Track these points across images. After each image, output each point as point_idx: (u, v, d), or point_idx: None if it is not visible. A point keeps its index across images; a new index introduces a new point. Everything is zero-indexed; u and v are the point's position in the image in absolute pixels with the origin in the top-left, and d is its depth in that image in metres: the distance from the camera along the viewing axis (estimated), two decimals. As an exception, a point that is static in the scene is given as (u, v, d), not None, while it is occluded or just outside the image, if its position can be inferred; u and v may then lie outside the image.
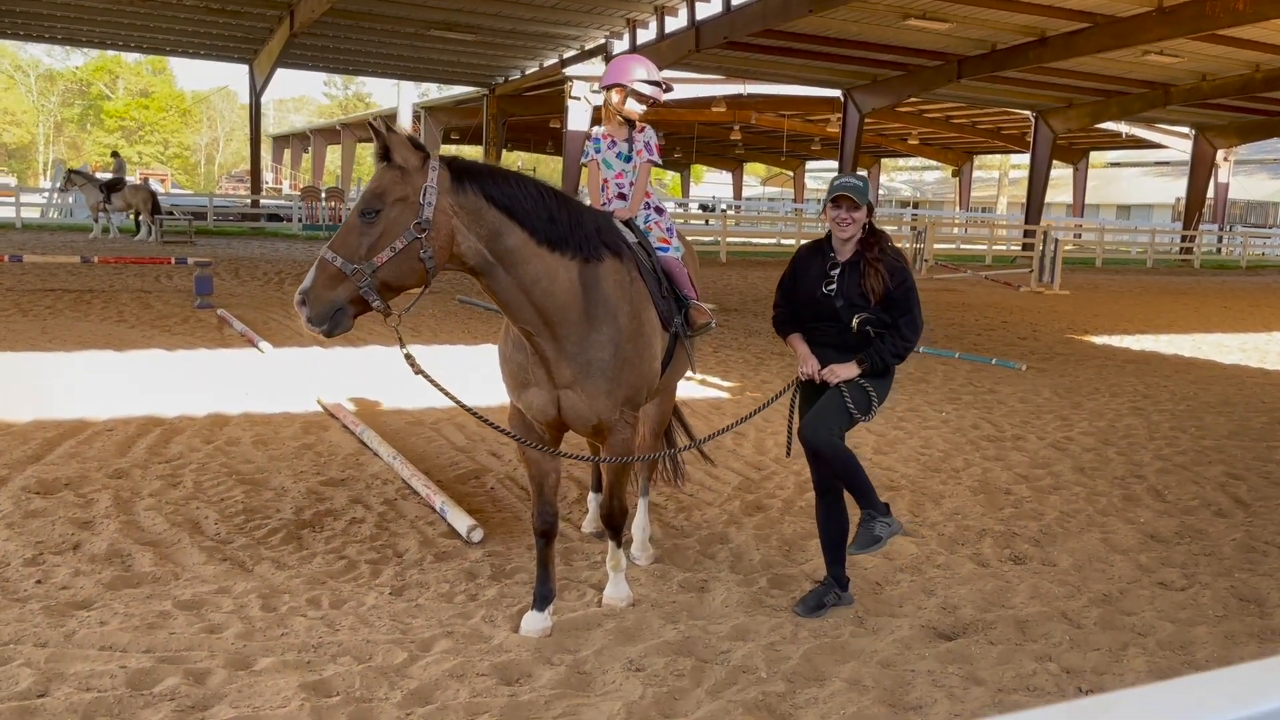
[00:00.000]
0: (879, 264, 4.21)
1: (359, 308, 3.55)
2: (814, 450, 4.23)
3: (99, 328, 11.30)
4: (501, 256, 3.66)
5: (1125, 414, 9.04)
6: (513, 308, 3.77)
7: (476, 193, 3.61)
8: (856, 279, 4.22)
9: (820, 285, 4.29)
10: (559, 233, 3.74)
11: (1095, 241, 39.80)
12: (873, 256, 4.24)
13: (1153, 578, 5.00)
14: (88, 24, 30.17)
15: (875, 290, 4.19)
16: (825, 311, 4.28)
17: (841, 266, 4.27)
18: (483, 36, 28.44)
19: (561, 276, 3.76)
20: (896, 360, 4.25)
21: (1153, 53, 25.35)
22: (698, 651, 3.98)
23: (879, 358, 4.21)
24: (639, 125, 4.62)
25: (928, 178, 77.86)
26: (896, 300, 4.20)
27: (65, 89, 78.42)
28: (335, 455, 6.59)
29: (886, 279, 4.19)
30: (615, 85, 4.52)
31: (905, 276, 4.25)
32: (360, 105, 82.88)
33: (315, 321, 3.50)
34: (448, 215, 3.56)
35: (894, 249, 4.31)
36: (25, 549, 4.66)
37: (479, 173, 3.68)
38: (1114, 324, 16.65)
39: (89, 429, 6.87)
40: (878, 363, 4.21)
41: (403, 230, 3.50)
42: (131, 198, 25.71)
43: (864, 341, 4.23)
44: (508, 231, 3.64)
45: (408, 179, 3.53)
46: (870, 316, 4.20)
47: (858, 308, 4.21)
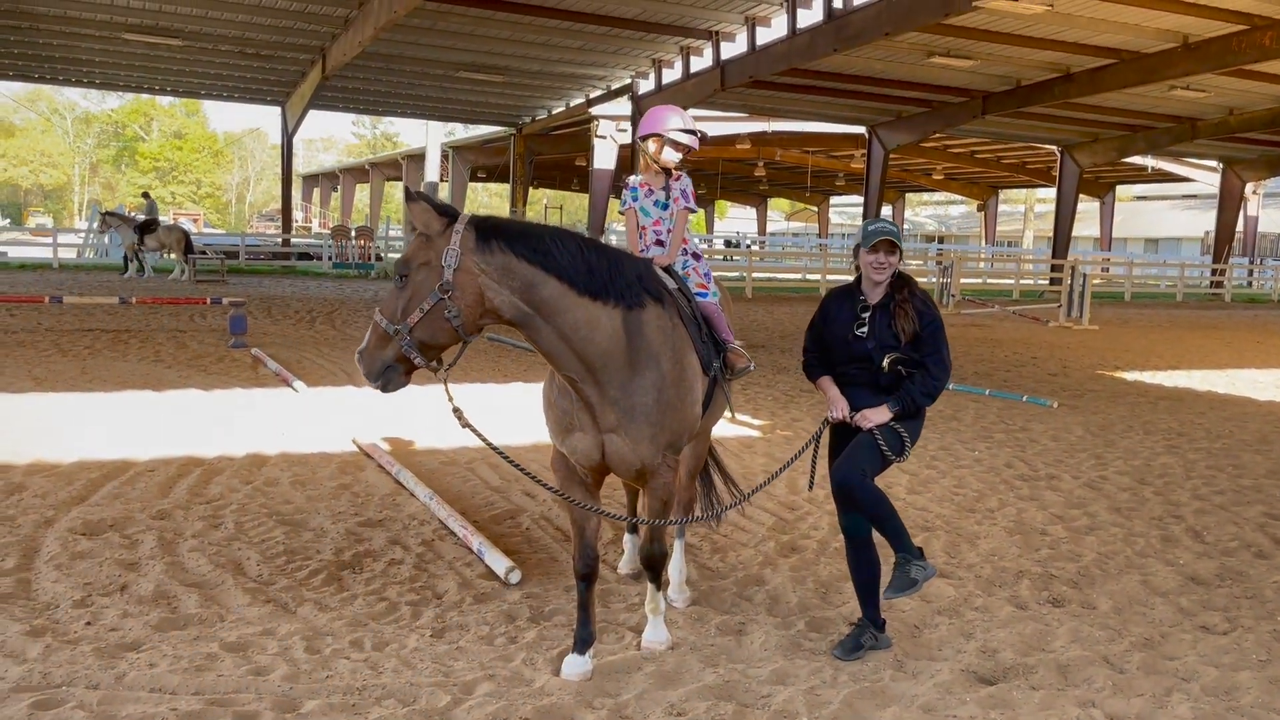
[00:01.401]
0: (908, 305, 4.31)
1: (407, 365, 3.76)
2: (846, 491, 4.27)
3: (137, 367, 11.49)
4: (539, 307, 3.74)
5: (1160, 452, 8.97)
6: (555, 355, 3.84)
7: (504, 250, 3.70)
8: (887, 321, 4.32)
9: (852, 328, 4.38)
10: (599, 282, 3.81)
11: (1124, 275, 39.59)
12: (902, 298, 4.34)
13: (1194, 621, 4.96)
14: (125, 69, 30.90)
15: (906, 331, 4.28)
16: (857, 354, 4.37)
17: (872, 309, 4.38)
18: (510, 77, 28.87)
19: (604, 324, 3.82)
20: (927, 400, 4.31)
21: (1179, 88, 25.37)
22: (738, 696, 3.98)
23: (910, 399, 4.28)
24: (675, 173, 4.71)
25: (953, 212, 77.82)
26: (925, 340, 4.30)
27: (101, 131, 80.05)
28: (372, 495, 6.66)
29: (916, 320, 4.30)
30: (652, 135, 4.61)
31: (934, 317, 4.35)
32: (388, 144, 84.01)
33: (371, 378, 3.78)
34: (473, 275, 3.67)
35: (921, 291, 4.41)
36: (74, 590, 4.74)
37: (505, 231, 3.77)
38: (1145, 359, 16.54)
39: (131, 470, 6.98)
40: (909, 405, 4.28)
41: (428, 292, 3.67)
42: (165, 238, 26.18)
43: (895, 380, 4.32)
44: (541, 283, 3.72)
45: (431, 244, 3.69)
46: (901, 356, 4.30)
47: (889, 348, 4.30)
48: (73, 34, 26.04)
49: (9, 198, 71.12)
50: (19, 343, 12.99)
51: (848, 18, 20.25)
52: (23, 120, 74.94)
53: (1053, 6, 18.70)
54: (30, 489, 6.38)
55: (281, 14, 23.23)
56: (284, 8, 22.69)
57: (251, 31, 25.08)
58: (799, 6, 21.67)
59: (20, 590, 4.74)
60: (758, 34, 23.22)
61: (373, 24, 21.09)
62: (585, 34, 24.13)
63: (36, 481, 6.55)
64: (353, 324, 17.23)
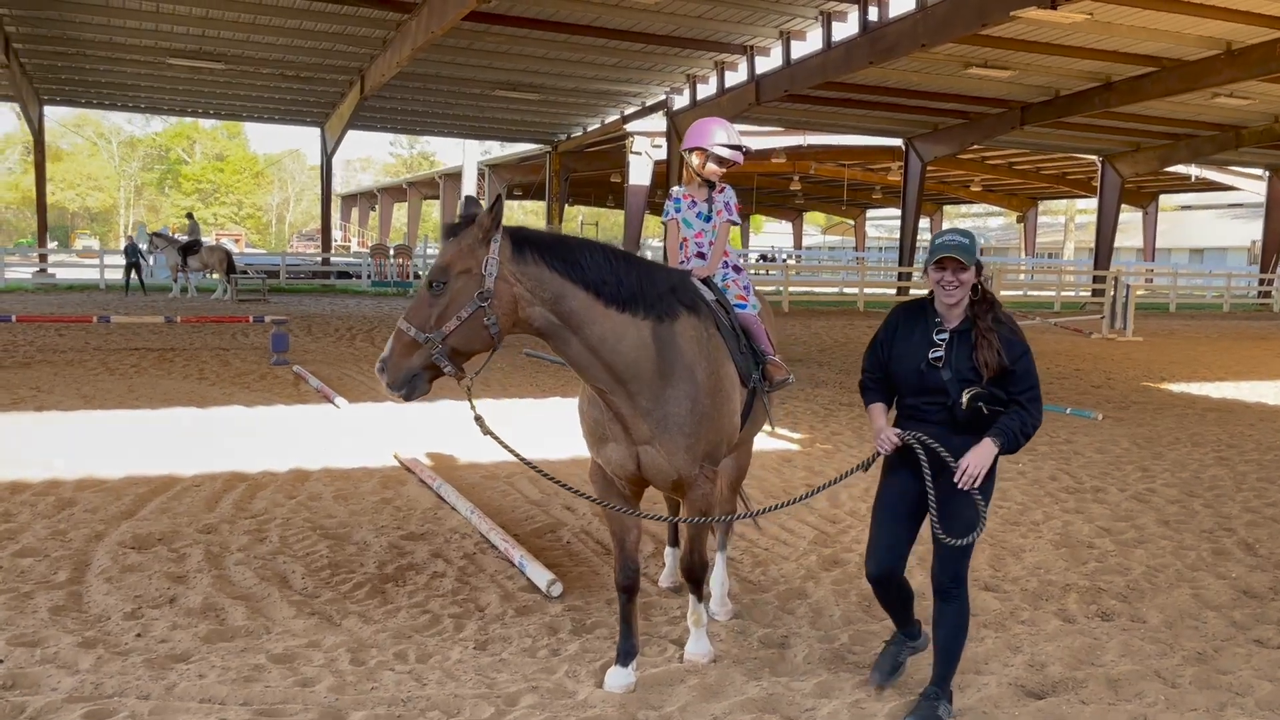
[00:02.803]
0: (993, 334, 3.74)
1: (433, 373, 3.74)
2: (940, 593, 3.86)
3: (182, 385, 11.67)
4: (566, 318, 3.75)
5: (1210, 464, 8.81)
6: (583, 367, 3.85)
7: (537, 260, 3.72)
8: (967, 350, 3.74)
9: (925, 355, 3.81)
10: (627, 293, 3.82)
11: (1168, 286, 39.01)
12: (985, 326, 3.76)
13: (1248, 635, 4.86)
14: (169, 93, 31.53)
15: (990, 365, 3.70)
16: (931, 385, 3.80)
17: (950, 334, 3.80)
18: (546, 95, 29.09)
19: (631, 335, 3.82)
20: (1024, 440, 3.75)
21: (1222, 95, 25.01)
22: (782, 709, 3.96)
23: (1013, 435, 3.69)
24: (719, 186, 4.73)
25: (992, 224, 77.16)
26: (1018, 376, 3.73)
27: (145, 154, 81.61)
28: (414, 509, 6.70)
29: (1002, 353, 3.72)
30: (696, 148, 4.64)
31: (1024, 349, 3.77)
32: (425, 163, 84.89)
33: (394, 387, 3.74)
34: (509, 283, 3.69)
35: (1008, 316, 3.85)
36: (125, 603, 4.82)
37: (539, 241, 3.78)
38: (1192, 371, 16.27)
39: (178, 485, 7.09)
40: (1013, 440, 3.69)
41: (468, 300, 3.65)
42: (208, 258, 26.63)
43: (974, 420, 3.73)
44: (570, 294, 3.73)
45: (472, 252, 3.68)
46: (982, 392, 3.71)
47: (968, 382, 3.72)
48: (118, 59, 26.64)
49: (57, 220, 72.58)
50: (68, 362, 13.26)
51: (883, 30, 20.20)
52: (70, 145, 76.60)
53: (1091, 15, 18.54)
54: (81, 504, 6.50)
55: (321, 36, 23.61)
56: (323, 30, 23.06)
57: (291, 54, 25.51)
58: (834, 20, 21.65)
59: (72, 603, 4.82)
60: (792, 48, 23.23)
61: (410, 44, 21.36)
62: (620, 51, 24.28)
63: (87, 497, 6.67)
64: (392, 341, 17.37)
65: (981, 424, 3.72)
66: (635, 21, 21.76)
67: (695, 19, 21.61)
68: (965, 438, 3.74)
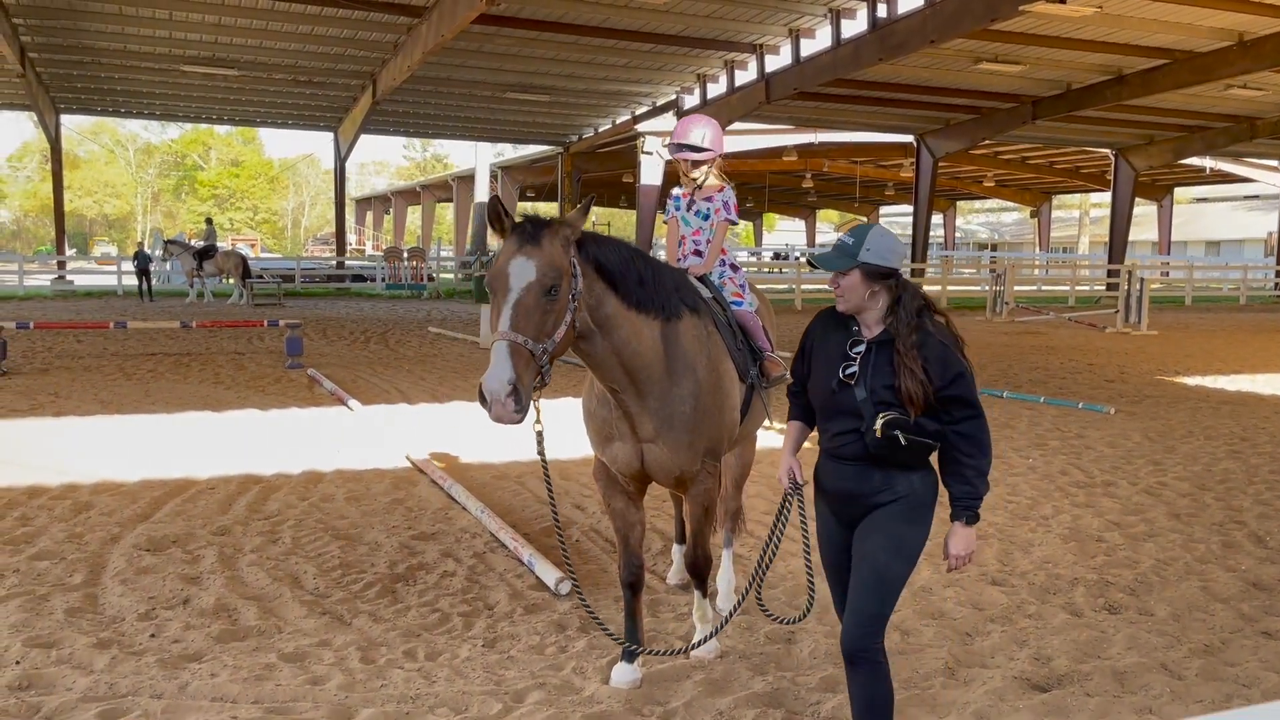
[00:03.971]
0: (915, 358, 3.08)
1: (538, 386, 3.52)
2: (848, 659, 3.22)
3: (197, 389, 11.77)
4: (601, 323, 3.70)
5: (1222, 458, 8.78)
6: (604, 368, 3.85)
7: (589, 260, 3.66)
8: (886, 364, 3.13)
9: (838, 369, 3.21)
10: (646, 295, 3.84)
11: (1184, 279, 38.76)
12: (905, 348, 3.10)
13: (1256, 627, 4.85)
14: (183, 100, 31.76)
15: (914, 397, 3.07)
16: (844, 406, 3.18)
17: (868, 345, 3.19)
18: (557, 97, 29.15)
19: (645, 336, 3.86)
20: (988, 488, 3.19)
21: (1235, 86, 24.84)
22: (787, 703, 3.99)
23: (977, 498, 3.16)
24: (720, 185, 4.77)
25: (1005, 219, 76.80)
26: (953, 401, 3.11)
27: (162, 161, 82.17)
28: (425, 510, 6.76)
29: (926, 379, 3.08)
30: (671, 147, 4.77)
31: (959, 369, 3.11)
32: (438, 166, 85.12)
33: (522, 412, 3.33)
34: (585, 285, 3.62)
35: (939, 326, 3.19)
36: (139, 604, 4.89)
37: (592, 238, 3.71)
38: (1206, 364, 16.18)
39: (193, 488, 7.17)
40: (977, 502, 3.18)
41: (567, 305, 3.51)
42: (223, 263, 26.83)
43: (890, 452, 3.12)
44: (607, 299, 3.69)
45: (565, 253, 3.53)
46: (902, 418, 3.09)
47: (886, 405, 3.11)
48: (133, 68, 26.86)
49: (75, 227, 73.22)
50: (85, 367, 13.39)
51: (892, 26, 20.15)
52: (87, 153, 77.20)
53: (1102, 8, 18.45)
54: (97, 507, 6.58)
55: (332, 41, 23.74)
56: (334, 35, 23.19)
57: (304, 60, 25.67)
58: (843, 17, 21.61)
59: (88, 604, 4.89)
60: (802, 46, 23.19)
61: (421, 48, 21.45)
62: (630, 52, 24.31)
63: (103, 500, 6.76)
64: (406, 344, 17.49)
65: (902, 458, 3.14)
66: (645, 22, 21.78)
67: (705, 19, 21.61)
68: (888, 473, 3.17)
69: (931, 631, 4.74)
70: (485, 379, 3.31)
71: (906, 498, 3.19)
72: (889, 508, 3.19)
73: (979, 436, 3.14)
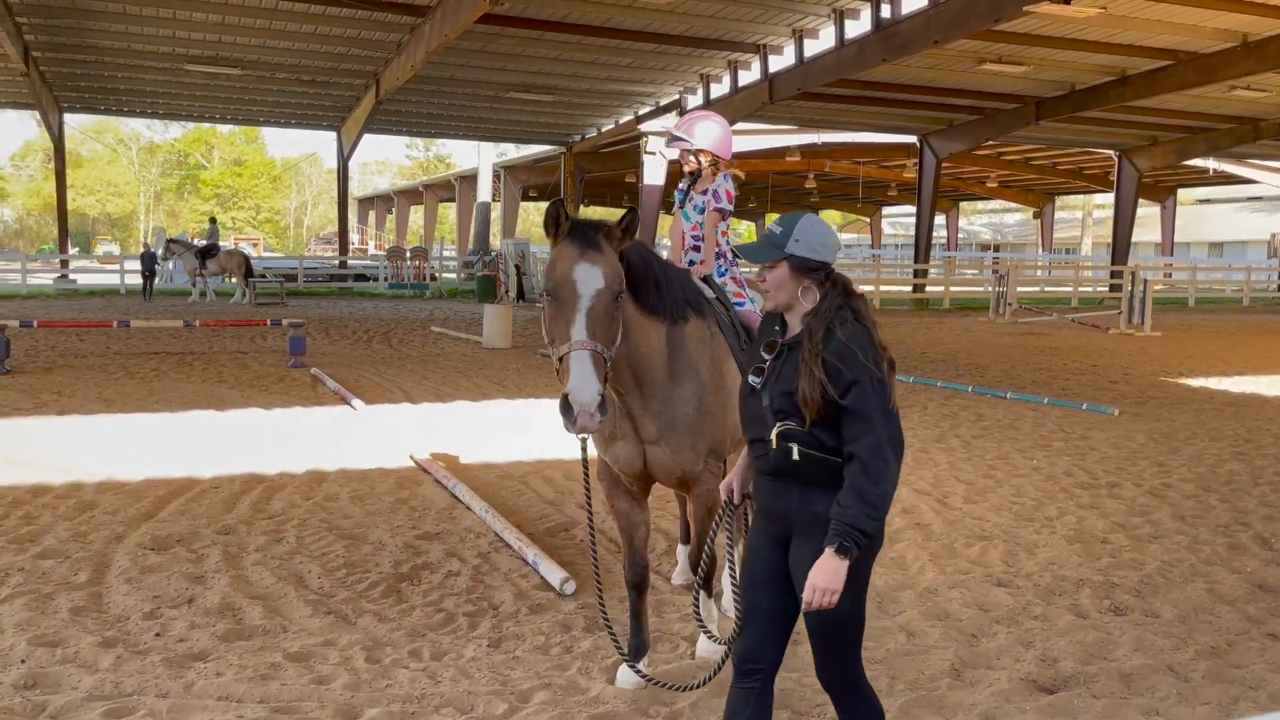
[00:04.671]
0: (817, 358, 2.78)
1: None
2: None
3: (201, 388, 11.78)
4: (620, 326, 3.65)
5: (1226, 459, 8.77)
6: (614, 371, 3.75)
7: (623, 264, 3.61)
8: (793, 369, 2.84)
9: (749, 372, 3.00)
10: (659, 300, 3.83)
11: (1187, 281, 38.72)
12: (810, 345, 2.81)
13: (1262, 629, 4.84)
14: (186, 99, 31.76)
15: (808, 400, 2.77)
16: (754, 414, 2.95)
17: (780, 347, 2.93)
18: (560, 97, 29.14)
19: (653, 339, 3.85)
20: (874, 522, 2.72)
21: (1239, 88, 24.80)
22: (793, 704, 3.98)
23: (854, 529, 2.70)
24: (711, 174, 4.75)
25: (1008, 220, 76.77)
26: (851, 415, 2.75)
27: (164, 160, 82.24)
28: (429, 509, 6.76)
29: (824, 381, 2.75)
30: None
31: (859, 374, 2.75)
32: (441, 166, 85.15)
33: (603, 421, 3.32)
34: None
35: (855, 328, 2.83)
36: (144, 603, 4.89)
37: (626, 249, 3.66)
38: (1210, 365, 16.16)
39: (197, 487, 7.17)
40: (856, 533, 2.71)
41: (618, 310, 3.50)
42: (226, 262, 26.84)
43: (791, 468, 2.84)
44: (626, 304, 3.63)
45: (618, 254, 3.54)
46: (797, 430, 2.81)
47: (785, 415, 2.84)
48: (136, 67, 26.86)
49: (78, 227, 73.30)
50: (89, 366, 13.40)
51: (896, 27, 20.13)
52: (90, 151, 77.28)
53: (1105, 9, 18.43)
54: (101, 506, 6.58)
55: (335, 41, 23.74)
56: (338, 35, 23.19)
57: (307, 59, 25.67)
58: (846, 17, 21.60)
59: (93, 603, 4.89)
60: (805, 46, 23.17)
61: (424, 48, 21.45)
62: (633, 52, 24.30)
63: (107, 499, 6.76)
64: (408, 343, 17.49)
65: (813, 474, 2.83)
66: (648, 22, 21.77)
67: (708, 19, 21.59)
68: (807, 491, 2.86)
69: (937, 633, 4.73)
70: (574, 390, 3.24)
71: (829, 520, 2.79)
72: (817, 536, 2.81)
73: (869, 460, 2.71)
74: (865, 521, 2.70)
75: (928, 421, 10.33)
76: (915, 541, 6.18)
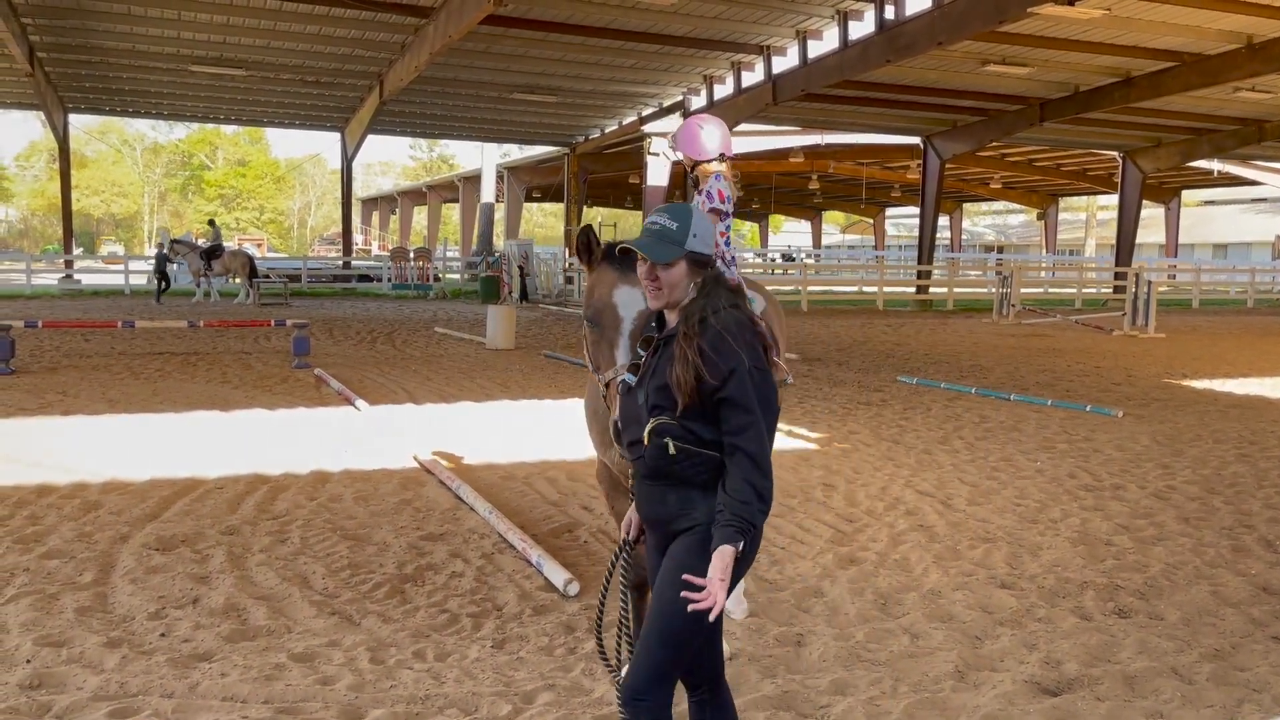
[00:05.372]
0: (693, 342, 2.66)
1: None
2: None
3: (205, 389, 11.79)
4: None
5: (1231, 461, 8.76)
6: None
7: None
8: (668, 361, 2.72)
9: (626, 370, 2.96)
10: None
11: (1191, 282, 38.68)
12: (687, 329, 2.69)
13: (1266, 632, 4.84)
14: (191, 100, 31.83)
15: (682, 384, 2.64)
16: (631, 413, 2.85)
17: (656, 343, 2.83)
18: (563, 98, 29.17)
19: None
20: (763, 514, 2.63)
21: (1244, 89, 24.79)
22: (797, 706, 3.98)
23: (743, 519, 2.59)
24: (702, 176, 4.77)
25: (1012, 221, 76.71)
26: (729, 404, 2.63)
27: (169, 160, 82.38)
28: (433, 510, 6.76)
29: (700, 365, 2.63)
30: None
31: (737, 362, 2.63)
32: (444, 166, 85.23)
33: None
34: None
35: (732, 315, 2.72)
36: (149, 603, 4.90)
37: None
38: (1214, 367, 16.14)
39: (201, 487, 7.18)
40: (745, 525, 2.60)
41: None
42: (230, 263, 26.88)
43: (667, 465, 2.71)
44: None
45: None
46: (671, 425, 2.69)
47: (660, 409, 2.72)
48: (141, 67, 26.93)
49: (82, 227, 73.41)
50: (94, 367, 13.43)
51: (900, 28, 20.13)
52: (94, 152, 77.41)
53: (1110, 10, 18.42)
54: (106, 506, 6.60)
55: (340, 42, 23.79)
56: (342, 36, 23.23)
57: (311, 60, 25.71)
58: (850, 19, 21.60)
59: (98, 604, 4.90)
60: (809, 47, 23.19)
61: (428, 49, 21.49)
62: (637, 53, 24.33)
63: (112, 499, 6.78)
64: (412, 344, 17.51)
65: (689, 474, 2.71)
66: (652, 23, 21.79)
67: (712, 20, 21.61)
68: (686, 494, 2.73)
69: (941, 635, 4.73)
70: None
71: (707, 525, 2.67)
72: (686, 539, 2.71)
73: (755, 452, 2.60)
74: (756, 514, 2.60)
75: (931, 423, 10.33)
76: (919, 543, 6.18)
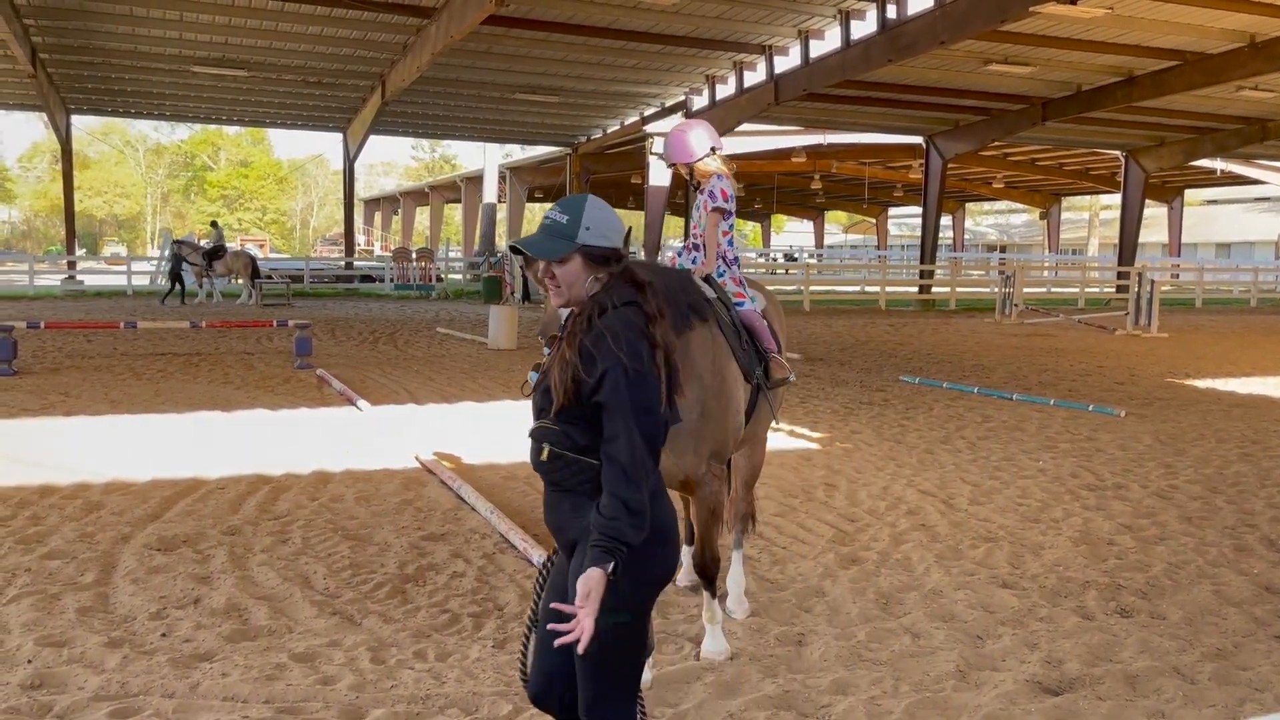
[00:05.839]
0: (574, 341, 2.54)
1: None
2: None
3: (207, 389, 11.80)
4: None
5: (1233, 460, 8.74)
6: None
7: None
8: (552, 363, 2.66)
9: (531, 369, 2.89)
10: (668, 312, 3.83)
11: (1194, 282, 38.62)
12: (572, 329, 2.57)
13: (1269, 631, 4.83)
14: (193, 101, 31.84)
15: (558, 386, 2.52)
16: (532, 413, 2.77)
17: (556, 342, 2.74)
18: (566, 98, 29.16)
19: None
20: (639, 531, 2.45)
21: (1247, 88, 24.75)
22: (798, 705, 3.98)
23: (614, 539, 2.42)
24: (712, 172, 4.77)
25: (1014, 220, 76.64)
26: (605, 409, 2.48)
27: (171, 161, 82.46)
28: (434, 511, 6.76)
29: (579, 368, 2.49)
30: None
31: (611, 362, 2.47)
32: (447, 167, 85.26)
33: None
34: None
35: (621, 313, 2.55)
36: (150, 603, 4.90)
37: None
38: (1217, 366, 16.12)
39: (203, 488, 7.18)
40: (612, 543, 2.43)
41: None
42: (233, 263, 26.89)
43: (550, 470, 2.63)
44: None
45: None
46: (550, 428, 2.59)
47: (544, 411, 2.64)
48: (143, 68, 26.94)
49: (85, 228, 73.47)
50: (96, 367, 13.44)
51: (902, 28, 20.11)
52: (97, 153, 77.51)
53: (1112, 9, 18.40)
54: (108, 507, 6.60)
55: (342, 43, 23.79)
56: (344, 36, 23.23)
57: (313, 60, 25.72)
58: (852, 18, 21.58)
59: (99, 604, 4.90)
60: (811, 47, 23.17)
61: (430, 49, 21.48)
62: (639, 53, 24.32)
63: (114, 500, 6.78)
64: (414, 344, 17.52)
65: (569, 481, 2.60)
66: (654, 23, 21.78)
67: (714, 20, 21.60)
68: (578, 500, 2.60)
69: (942, 634, 4.72)
70: None
71: None
72: (579, 553, 2.56)
73: (628, 463, 2.43)
74: (629, 532, 2.42)
75: (933, 423, 10.32)
76: (920, 543, 6.17)
